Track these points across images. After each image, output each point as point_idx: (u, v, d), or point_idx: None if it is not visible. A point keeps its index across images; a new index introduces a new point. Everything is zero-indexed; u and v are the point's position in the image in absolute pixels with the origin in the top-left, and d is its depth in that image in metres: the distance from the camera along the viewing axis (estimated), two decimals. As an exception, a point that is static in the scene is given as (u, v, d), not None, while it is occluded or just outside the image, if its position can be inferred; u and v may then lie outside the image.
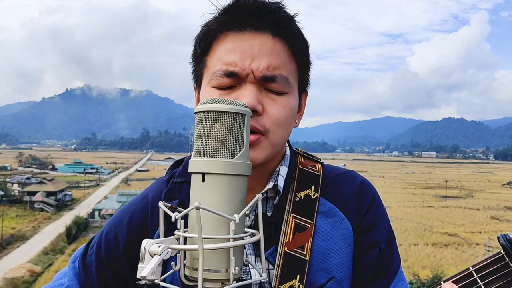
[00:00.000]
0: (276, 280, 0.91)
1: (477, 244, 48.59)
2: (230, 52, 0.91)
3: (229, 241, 0.64)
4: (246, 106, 0.69)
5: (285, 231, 0.95)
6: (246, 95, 0.89)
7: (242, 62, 0.90)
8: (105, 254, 1.02)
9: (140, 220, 1.01)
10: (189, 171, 0.68)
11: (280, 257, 0.93)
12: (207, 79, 0.95)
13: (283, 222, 0.96)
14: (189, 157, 1.03)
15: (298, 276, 0.92)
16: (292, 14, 0.95)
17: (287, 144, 1.07)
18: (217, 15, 0.95)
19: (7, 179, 79.65)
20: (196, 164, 0.66)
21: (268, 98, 0.92)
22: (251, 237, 0.68)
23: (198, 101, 1.01)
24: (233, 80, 0.91)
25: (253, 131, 0.88)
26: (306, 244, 0.94)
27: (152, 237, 0.94)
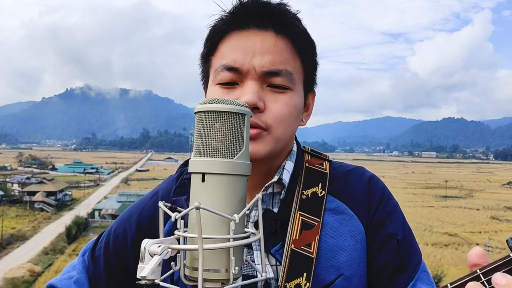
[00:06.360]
0: (282, 278, 0.91)
1: (477, 244, 48.39)
2: (232, 50, 0.93)
3: (229, 241, 0.64)
4: (246, 106, 0.69)
5: (292, 228, 0.95)
6: (247, 92, 0.89)
7: (243, 58, 0.91)
8: (113, 249, 1.04)
9: (148, 217, 1.03)
10: (189, 171, 0.68)
11: (287, 254, 0.92)
12: (212, 77, 0.96)
13: (290, 219, 0.96)
14: None
15: (304, 274, 0.91)
16: (294, 12, 0.96)
17: (294, 142, 1.07)
18: (223, 16, 0.96)
19: (7, 179, 79.48)
20: (196, 164, 0.66)
21: (270, 95, 0.92)
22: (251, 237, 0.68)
23: None
24: (234, 75, 0.92)
25: (254, 126, 0.89)
26: (313, 241, 0.94)
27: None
